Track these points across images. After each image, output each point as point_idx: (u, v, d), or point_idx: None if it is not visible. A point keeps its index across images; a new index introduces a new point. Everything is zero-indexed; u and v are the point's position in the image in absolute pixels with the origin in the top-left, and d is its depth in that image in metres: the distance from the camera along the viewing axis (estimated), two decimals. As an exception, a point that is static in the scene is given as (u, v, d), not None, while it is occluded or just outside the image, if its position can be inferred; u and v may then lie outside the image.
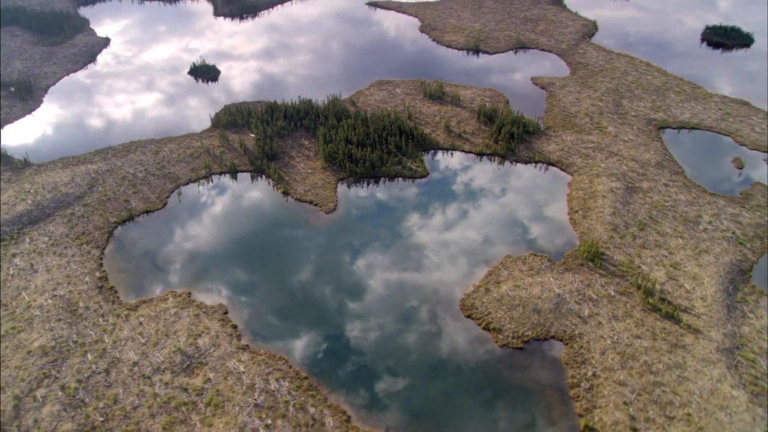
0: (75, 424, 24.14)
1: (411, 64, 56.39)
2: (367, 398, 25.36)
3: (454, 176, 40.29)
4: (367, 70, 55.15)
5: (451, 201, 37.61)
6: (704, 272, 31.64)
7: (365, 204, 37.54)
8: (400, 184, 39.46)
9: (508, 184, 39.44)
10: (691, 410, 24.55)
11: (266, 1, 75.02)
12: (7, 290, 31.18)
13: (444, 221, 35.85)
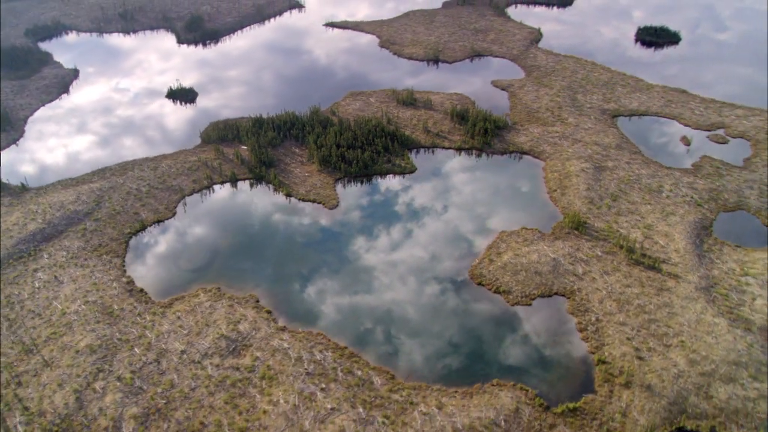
0: (140, 408, 25.92)
1: (378, 76, 60.15)
2: (406, 358, 28.19)
3: (440, 169, 43.94)
4: (337, 84, 58.46)
5: (441, 190, 41.19)
6: (674, 230, 36.26)
7: (365, 198, 40.63)
8: (393, 180, 42.79)
9: (489, 172, 43.42)
10: (684, 338, 28.64)
11: (227, 27, 77.49)
12: (37, 301, 32.47)
13: (439, 207, 39.34)
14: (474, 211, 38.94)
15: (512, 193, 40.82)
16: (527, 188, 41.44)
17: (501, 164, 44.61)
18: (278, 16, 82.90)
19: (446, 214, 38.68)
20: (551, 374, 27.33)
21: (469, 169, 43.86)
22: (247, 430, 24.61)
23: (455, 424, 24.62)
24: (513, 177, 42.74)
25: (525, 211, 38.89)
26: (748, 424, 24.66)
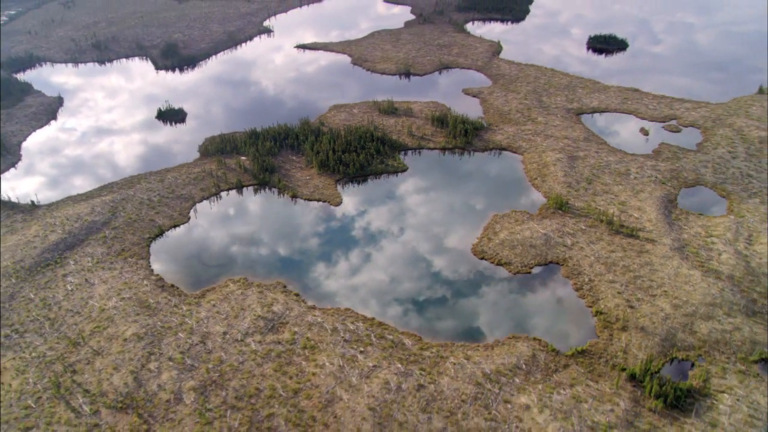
0: (196, 381, 28.54)
1: (356, 90, 64.16)
2: (429, 322, 31.66)
3: (429, 167, 48.00)
4: (319, 99, 62.02)
5: (433, 184, 45.15)
6: (645, 204, 41.15)
7: (365, 195, 44.21)
8: (388, 178, 46.54)
9: (474, 166, 47.71)
10: (666, 288, 33.14)
11: (202, 52, 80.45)
12: (74, 302, 34.62)
13: (433, 198, 43.20)
14: (466, 199, 42.98)
15: (498, 183, 45.12)
16: (511, 178, 45.84)
17: (483, 160, 48.96)
18: (249, 41, 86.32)
19: (441, 203, 42.58)
20: (558, 326, 31.26)
21: (455, 165, 48.03)
22: (300, 390, 27.53)
23: (483, 370, 28.18)
24: (496, 170, 47.11)
25: (512, 196, 43.17)
26: (728, 351, 29.09)
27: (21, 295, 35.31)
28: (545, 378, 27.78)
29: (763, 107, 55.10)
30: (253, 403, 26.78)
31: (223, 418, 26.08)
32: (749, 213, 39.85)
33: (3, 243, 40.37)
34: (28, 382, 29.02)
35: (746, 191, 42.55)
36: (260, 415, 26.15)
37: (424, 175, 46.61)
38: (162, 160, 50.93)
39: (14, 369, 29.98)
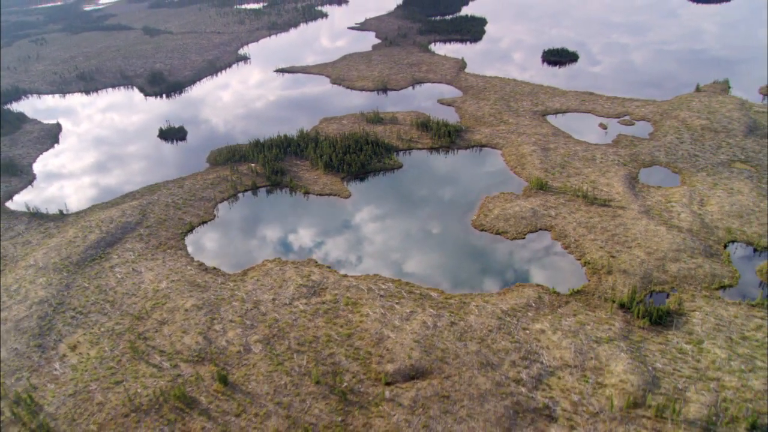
0: (260, 336, 33.37)
1: (341, 105, 70.13)
2: (447, 279, 37.38)
3: (422, 163, 54.20)
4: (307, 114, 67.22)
5: (427, 176, 51.20)
6: (612, 181, 48.32)
7: (370, 188, 49.95)
8: (386, 174, 52.44)
9: (460, 161, 54.15)
10: (639, 241, 39.92)
11: (186, 79, 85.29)
12: (127, 287, 38.92)
13: (430, 187, 49.14)
14: (458, 186, 49.22)
15: (484, 172, 51.63)
16: (494, 168, 52.45)
17: (467, 155, 55.54)
18: (229, 68, 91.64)
19: (438, 191, 48.66)
20: (555, 275, 37.43)
21: (443, 161, 54.41)
22: (352, 334, 32.73)
23: (501, 308, 34.05)
24: (480, 162, 53.70)
25: (498, 182, 49.68)
26: (694, 283, 35.85)
27: (75, 284, 39.27)
28: (552, 311, 33.83)
29: (701, 102, 63.89)
30: (314, 346, 31.79)
31: (291, 360, 30.98)
32: (699, 183, 47.45)
33: (45, 245, 44.15)
34: (105, 350, 33.15)
35: (695, 167, 50.31)
36: (322, 355, 31.18)
37: (418, 170, 52.72)
38: (174, 171, 55.37)
39: (88, 342, 34.05)
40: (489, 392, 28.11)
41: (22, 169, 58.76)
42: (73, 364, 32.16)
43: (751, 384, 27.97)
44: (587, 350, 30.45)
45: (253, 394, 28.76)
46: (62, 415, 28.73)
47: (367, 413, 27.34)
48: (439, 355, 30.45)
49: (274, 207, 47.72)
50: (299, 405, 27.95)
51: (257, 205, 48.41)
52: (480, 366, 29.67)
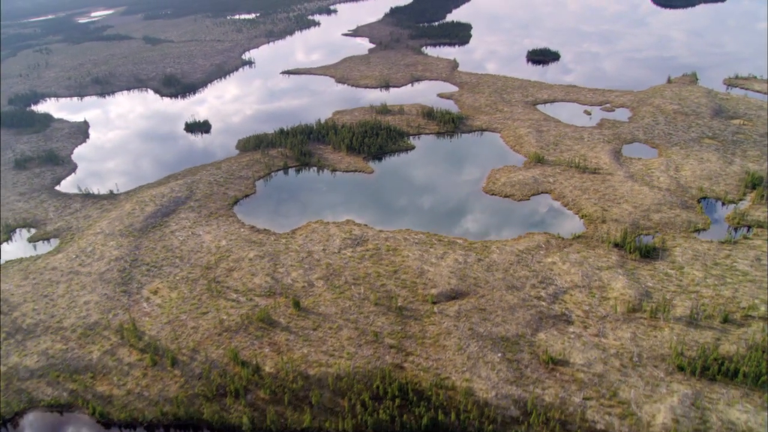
0: (319, 274, 39.78)
1: (349, 100, 76.79)
2: (467, 231, 44.24)
3: (431, 145, 61.23)
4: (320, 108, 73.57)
5: (438, 155, 58.12)
6: (599, 154, 55.91)
7: (390, 165, 56.70)
8: (402, 154, 59.30)
9: (465, 142, 61.27)
10: (626, 198, 47.35)
11: (198, 81, 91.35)
12: (190, 246, 45.00)
13: (442, 164, 55.93)
14: (466, 162, 56.26)
15: (487, 151, 58.82)
16: (495, 147, 59.72)
17: (471, 138, 62.76)
18: (236, 71, 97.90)
19: (449, 166, 55.57)
20: (558, 226, 44.48)
21: (450, 143, 61.51)
22: (397, 270, 39.38)
23: (517, 249, 41.02)
24: (483, 143, 60.92)
25: (501, 158, 56.87)
26: (674, 227, 43.32)
27: (143, 246, 45.26)
28: (559, 250, 40.95)
29: (673, 91, 72.26)
30: (367, 280, 38.35)
31: (349, 290, 37.49)
32: (674, 155, 55.30)
33: (105, 217, 50.01)
34: (184, 292, 39.24)
35: (669, 143, 58.22)
36: (375, 285, 37.77)
37: (430, 150, 59.74)
38: (207, 157, 61.41)
39: (167, 287, 40.10)
40: (517, 305, 35.02)
41: (63, 159, 64.19)
42: (159, 303, 38.16)
43: (723, 293, 35.33)
44: (592, 275, 37.58)
45: (323, 315, 35.21)
46: (163, 337, 34.78)
47: (420, 323, 34.00)
48: (472, 281, 37.28)
49: (306, 182, 54.16)
50: (364, 320, 34.48)
51: (291, 181, 54.80)
52: (507, 288, 36.57)
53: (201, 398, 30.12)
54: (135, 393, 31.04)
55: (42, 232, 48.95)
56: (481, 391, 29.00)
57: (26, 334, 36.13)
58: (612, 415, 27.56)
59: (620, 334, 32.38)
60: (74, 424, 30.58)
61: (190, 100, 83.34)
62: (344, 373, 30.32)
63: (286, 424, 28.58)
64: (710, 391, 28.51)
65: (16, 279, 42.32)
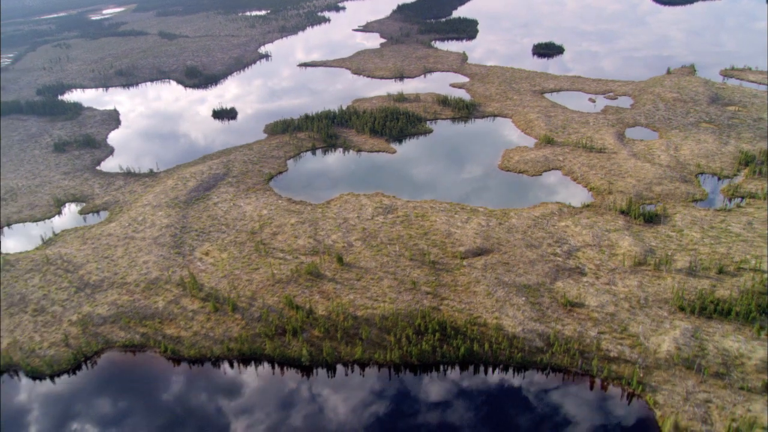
0: (356, 237, 44.14)
1: (367, 89, 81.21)
2: (487, 201, 48.67)
3: (448, 128, 65.67)
4: (339, 97, 78.10)
5: (454, 138, 62.44)
6: (604, 136, 60.49)
7: (411, 146, 61.10)
8: (421, 137, 63.79)
9: (479, 126, 65.70)
10: (630, 173, 51.89)
11: (219, 73, 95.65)
12: (233, 215, 49.31)
13: (458, 145, 60.33)
14: (481, 144, 60.64)
15: (500, 134, 63.31)
16: (508, 130, 64.24)
17: (484, 123, 67.25)
18: (254, 64, 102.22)
19: (465, 147, 59.93)
20: (569, 197, 48.95)
21: (465, 127, 65.96)
22: (427, 233, 43.84)
23: (533, 215, 45.53)
24: (495, 127, 65.38)
25: (513, 140, 61.37)
26: (674, 198, 47.88)
27: (190, 215, 49.61)
28: (571, 216, 45.47)
29: (672, 81, 76.89)
30: (401, 240, 42.79)
31: (386, 248, 41.91)
32: (673, 137, 59.90)
33: (150, 191, 54.30)
34: (234, 253, 43.59)
35: (669, 126, 62.82)
36: (409, 244, 42.24)
37: (446, 133, 64.23)
38: (237, 140, 65.68)
39: (216, 249, 44.45)
40: (536, 260, 39.55)
41: (99, 143, 68.48)
42: (212, 263, 42.53)
43: (718, 250, 39.90)
44: (601, 235, 42.13)
45: (365, 268, 39.67)
46: (221, 288, 39.17)
47: (452, 274, 38.49)
48: (495, 241, 41.80)
49: (334, 161, 58.57)
50: (401, 272, 38.95)
51: (320, 160, 59.21)
52: (526, 246, 41.10)
53: (262, 337, 34.47)
54: (201, 334, 35.35)
55: (91, 206, 53.12)
56: (509, 327, 33.47)
57: (94, 289, 40.38)
58: (623, 345, 32.04)
59: (628, 283, 36.88)
60: (147, 361, 34.88)
61: (213, 90, 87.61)
62: (389, 314, 34.75)
63: (340, 356, 32.91)
64: (707, 326, 33.01)
65: (75, 244, 46.54)
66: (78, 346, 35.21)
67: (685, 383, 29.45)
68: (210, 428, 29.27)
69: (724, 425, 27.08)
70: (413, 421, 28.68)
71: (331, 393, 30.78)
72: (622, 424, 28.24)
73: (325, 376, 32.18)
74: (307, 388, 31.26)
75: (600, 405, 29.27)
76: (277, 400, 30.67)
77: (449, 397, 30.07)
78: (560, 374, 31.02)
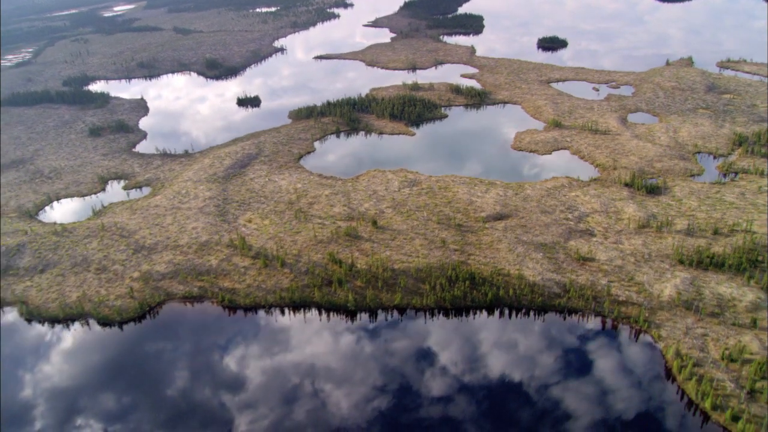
0: (386, 205, 48.73)
1: (382, 79, 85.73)
2: (503, 175, 53.28)
3: (461, 114, 70.24)
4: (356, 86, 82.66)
5: (468, 121, 66.91)
6: (608, 120, 65.19)
7: (429, 129, 65.62)
8: (437, 121, 68.41)
9: (491, 112, 70.28)
10: (633, 152, 56.54)
11: (237, 65, 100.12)
12: (269, 188, 53.78)
13: (473, 128, 64.86)
14: (494, 127, 65.23)
15: (511, 118, 67.89)
16: (518, 115, 68.84)
17: (495, 109, 71.88)
18: (270, 57, 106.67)
19: (479, 130, 64.48)
20: (577, 172, 53.45)
21: (478, 112, 70.53)
22: (450, 201, 48.43)
23: (546, 187, 50.14)
24: (506, 113, 69.94)
25: (523, 124, 66.00)
26: (673, 173, 52.58)
27: (229, 189, 54.05)
28: (580, 188, 50.12)
29: (671, 72, 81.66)
30: (427, 208, 47.41)
31: (414, 214, 46.52)
32: (672, 121, 64.64)
33: (189, 169, 58.70)
34: (275, 220, 48.09)
35: (668, 112, 67.57)
36: (435, 211, 46.82)
37: (461, 118, 68.83)
38: (263, 125, 70.09)
39: (258, 217, 48.94)
40: (550, 223, 44.19)
41: (132, 128, 72.89)
42: (256, 228, 47.02)
43: (713, 216, 44.57)
44: (608, 203, 46.81)
45: (397, 230, 44.24)
46: (268, 248, 43.66)
47: (476, 234, 43.11)
48: (512, 208, 46.45)
49: (358, 142, 63.08)
50: (431, 233, 43.55)
51: (344, 142, 63.74)
52: (541, 212, 45.75)
53: (310, 287, 39.00)
54: (254, 286, 39.85)
55: (134, 182, 57.53)
56: (530, 277, 38.11)
57: (150, 251, 44.82)
58: (630, 291, 36.69)
59: (633, 242, 41.56)
60: (205, 309, 39.35)
61: (234, 80, 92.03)
62: (422, 266, 39.34)
63: (381, 302, 37.47)
64: (704, 276, 37.68)
65: (125, 215, 50.97)
66: (142, 297, 39.58)
67: (685, 321, 34.04)
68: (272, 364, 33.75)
69: (718, 352, 31.67)
70: (449, 357, 33.24)
71: (375, 334, 35.32)
72: (632, 354, 32.82)
73: (368, 320, 36.65)
74: (354, 329, 35.79)
75: (612, 340, 33.89)
76: (329, 339, 35.20)
77: (479, 335, 34.65)
78: (576, 315, 35.56)
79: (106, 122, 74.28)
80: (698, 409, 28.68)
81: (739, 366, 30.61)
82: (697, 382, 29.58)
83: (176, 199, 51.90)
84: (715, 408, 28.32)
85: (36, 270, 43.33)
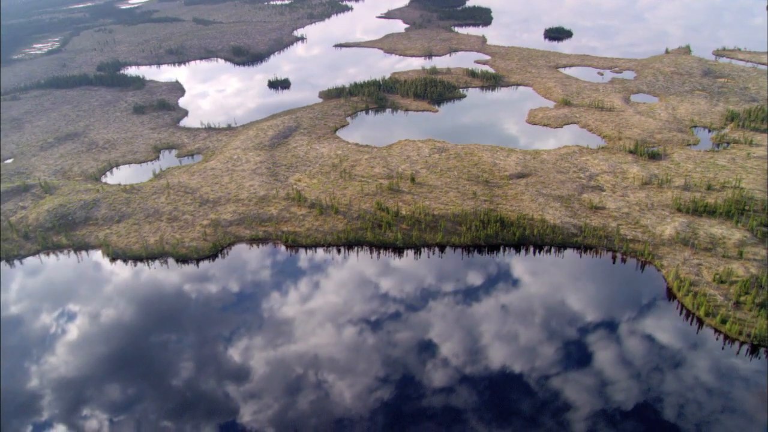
0: (421, 166, 55.42)
1: (401, 65, 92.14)
2: (523, 145, 60.17)
3: (478, 95, 76.88)
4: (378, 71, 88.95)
5: (486, 102, 73.39)
6: (613, 100, 72.03)
7: (450, 106, 72.27)
8: (456, 101, 75.11)
9: (505, 93, 76.90)
10: (636, 125, 63.40)
11: (265, 51, 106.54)
12: (312, 154, 60.31)
13: (490, 105, 71.50)
14: (509, 106, 71.92)
15: (524, 98, 74.60)
16: (530, 96, 75.57)
17: (509, 90, 78.58)
18: (292, 45, 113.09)
19: (496, 107, 71.16)
20: (585, 141, 60.21)
21: (493, 93, 77.17)
22: (477, 164, 55.12)
23: (559, 153, 56.97)
24: (519, 93, 76.62)
25: (536, 101, 72.84)
26: (673, 143, 59.44)
27: (276, 155, 60.59)
28: (590, 154, 56.93)
29: (670, 59, 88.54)
30: (456, 168, 54.18)
31: (446, 173, 53.26)
32: (671, 100, 71.52)
33: (235, 139, 65.22)
34: (322, 179, 54.75)
35: (668, 93, 74.46)
36: (464, 171, 53.57)
37: (478, 98, 75.50)
38: (297, 104, 76.53)
39: (306, 177, 55.52)
40: (565, 181, 50.99)
41: (173, 106, 79.31)
42: (306, 186, 53.68)
43: (707, 175, 51.43)
44: (615, 166, 53.63)
45: (433, 185, 50.95)
46: (321, 199, 50.27)
47: (502, 188, 49.87)
48: (531, 168, 53.22)
49: (387, 118, 69.63)
50: (462, 187, 50.28)
51: (373, 118, 70.34)
52: (557, 172, 52.54)
53: (363, 229, 45.65)
54: (313, 229, 46.46)
55: (186, 150, 64.00)
56: (550, 220, 44.89)
57: (214, 204, 51.34)
58: (636, 231, 43.49)
59: (638, 195, 48.37)
60: (271, 249, 45.88)
61: (261, 66, 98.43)
62: (458, 212, 46.09)
63: (424, 240, 44.14)
64: (699, 221, 44.51)
65: (185, 176, 57.41)
66: (214, 239, 46.13)
67: (683, 254, 40.85)
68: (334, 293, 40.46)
69: (710, 276, 38.51)
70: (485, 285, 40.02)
71: (421, 266, 42.03)
72: (639, 279, 39.61)
73: (413, 255, 43.34)
74: (403, 262, 42.50)
75: (622, 269, 40.64)
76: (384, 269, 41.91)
77: (511, 266, 41.43)
78: (591, 251, 42.32)
79: (148, 102, 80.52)
80: (694, 316, 35.41)
81: (727, 286, 37.36)
82: (693, 296, 36.32)
83: (230, 163, 58.34)
84: (707, 314, 35.03)
85: (113, 220, 49.66)
